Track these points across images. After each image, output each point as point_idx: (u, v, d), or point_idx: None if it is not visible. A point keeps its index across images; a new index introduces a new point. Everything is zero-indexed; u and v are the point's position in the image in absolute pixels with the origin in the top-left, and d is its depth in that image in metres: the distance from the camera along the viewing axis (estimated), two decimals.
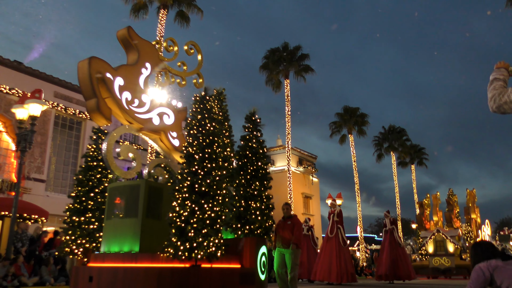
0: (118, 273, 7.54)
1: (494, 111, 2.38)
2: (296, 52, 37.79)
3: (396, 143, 46.63)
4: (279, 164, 44.26)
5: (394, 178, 45.15)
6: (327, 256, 13.23)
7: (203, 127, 8.01)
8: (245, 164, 9.28)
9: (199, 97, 8.24)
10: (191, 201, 7.52)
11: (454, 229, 21.76)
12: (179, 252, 7.30)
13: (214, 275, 7.69)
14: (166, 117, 9.21)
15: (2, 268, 12.02)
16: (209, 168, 7.80)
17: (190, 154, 7.86)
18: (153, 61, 9.15)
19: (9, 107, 18.53)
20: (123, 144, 8.69)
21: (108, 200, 8.48)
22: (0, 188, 19.59)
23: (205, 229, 7.44)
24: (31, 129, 12.80)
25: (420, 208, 22.90)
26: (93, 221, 9.12)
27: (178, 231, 7.47)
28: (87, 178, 9.34)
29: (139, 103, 8.73)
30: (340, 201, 32.32)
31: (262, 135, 9.63)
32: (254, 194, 9.08)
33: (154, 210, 8.14)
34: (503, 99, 2.35)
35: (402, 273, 15.21)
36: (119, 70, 8.47)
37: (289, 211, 9.28)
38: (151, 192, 8.21)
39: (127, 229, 8.07)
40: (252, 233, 8.83)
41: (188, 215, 7.45)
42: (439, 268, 21.32)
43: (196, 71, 10.27)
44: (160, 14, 28.04)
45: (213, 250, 7.48)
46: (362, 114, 43.88)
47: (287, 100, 36.11)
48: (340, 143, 43.97)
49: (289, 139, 35.55)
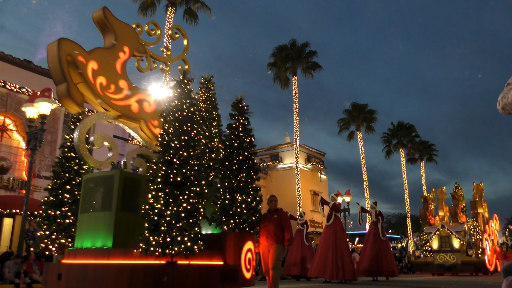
0: (88, 270, 6.85)
1: (501, 112, 2.49)
2: (304, 49, 37.06)
3: (405, 139, 45.69)
4: (287, 161, 43.42)
5: (403, 174, 44.16)
6: (323, 250, 12.34)
7: (181, 113, 7.25)
8: (230, 154, 8.52)
9: (177, 81, 7.48)
10: (165, 192, 6.78)
11: (460, 224, 20.59)
12: (152, 248, 6.57)
13: (191, 273, 6.94)
14: (147, 105, 8.49)
15: (14, 265, 11.96)
16: (186, 156, 7.04)
17: (165, 142, 7.11)
18: (132, 44, 8.43)
19: (19, 106, 18.46)
20: (98, 132, 7.95)
21: (82, 193, 7.78)
22: (11, 186, 19.40)
23: (180, 222, 6.70)
24: (41, 127, 12.78)
25: (424, 202, 21.77)
26: (69, 215, 8.42)
27: (152, 224, 6.75)
28: (63, 170, 8.65)
29: (116, 89, 8.01)
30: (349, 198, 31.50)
31: (249, 123, 8.84)
32: (240, 186, 8.32)
33: (129, 203, 7.42)
34: (504, 101, 2.44)
35: (385, 268, 14.07)
36: (93, 53, 7.76)
37: (276, 204, 8.55)
38: (127, 183, 7.49)
39: (100, 223, 7.37)
40: (238, 228, 8.07)
41: (162, 208, 6.71)
42: (444, 265, 20.16)
43: (182, 57, 9.54)
44: (168, 12, 27.55)
45: (189, 245, 6.71)
46: (370, 111, 43.04)
47: (295, 98, 35.42)
48: (348, 140, 43.25)
49: (297, 136, 34.85)
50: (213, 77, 10.06)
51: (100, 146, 7.84)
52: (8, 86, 20.12)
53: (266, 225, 8.24)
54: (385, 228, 59.72)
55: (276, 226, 8.18)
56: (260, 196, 8.61)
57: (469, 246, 19.94)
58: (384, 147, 46.20)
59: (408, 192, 43.31)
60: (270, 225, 8.19)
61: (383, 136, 46.52)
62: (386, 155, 45.97)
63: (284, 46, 37.01)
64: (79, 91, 7.47)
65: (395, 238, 52.33)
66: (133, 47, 8.44)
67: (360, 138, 42.11)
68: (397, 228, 58.48)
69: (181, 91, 7.42)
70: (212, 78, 10.05)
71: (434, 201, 22.20)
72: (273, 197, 8.69)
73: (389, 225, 60.50)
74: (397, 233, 56.36)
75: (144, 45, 8.75)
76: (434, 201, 22.20)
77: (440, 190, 22.13)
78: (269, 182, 43.10)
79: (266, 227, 8.23)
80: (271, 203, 8.55)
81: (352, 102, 43.17)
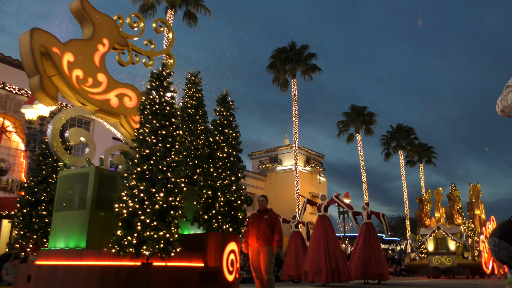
0: (57, 272, 6.39)
1: (500, 114, 2.48)
2: (303, 51, 36.69)
3: (404, 141, 45.23)
4: (286, 164, 42.95)
5: (402, 177, 43.63)
6: (315, 253, 11.79)
7: (158, 106, 6.79)
8: (214, 151, 8.04)
9: (156, 73, 7.02)
10: (140, 189, 6.31)
11: (456, 225, 19.95)
12: (125, 248, 6.10)
13: (167, 275, 6.47)
14: (127, 99, 8.03)
15: (12, 268, 11.63)
16: (163, 152, 6.57)
17: (141, 137, 6.64)
18: (112, 37, 7.98)
19: (19, 108, 18.25)
20: (73, 127, 7.49)
21: (57, 190, 7.32)
22: (10, 188, 19.11)
23: (154, 221, 6.22)
24: (40, 129, 12.53)
25: (420, 204, 21.15)
26: (45, 215, 7.95)
27: (125, 224, 6.29)
28: (40, 167, 8.18)
29: (94, 82, 7.55)
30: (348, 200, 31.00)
31: (235, 119, 8.37)
32: (224, 184, 7.83)
33: (105, 201, 6.95)
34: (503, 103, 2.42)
35: (374, 271, 13.39)
36: (69, 45, 7.31)
37: (265, 204, 8.07)
38: (103, 180, 7.03)
39: (74, 222, 6.92)
40: (220, 228, 7.59)
41: (136, 206, 6.25)
42: (440, 268, 19.50)
43: (167, 51, 9.08)
44: (168, 14, 27.22)
45: (165, 245, 6.24)
46: (369, 113, 42.61)
47: (294, 100, 35.04)
48: (347, 142, 42.74)
49: (296, 139, 34.45)
50: (199, 72, 9.61)
51: (75, 141, 7.39)
52: (8, 88, 19.90)
53: (256, 226, 7.77)
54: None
55: (266, 227, 7.72)
56: (245, 195, 8.13)
57: (466, 249, 19.27)
58: (383, 150, 45.75)
59: (407, 195, 42.82)
60: (260, 226, 7.72)
61: (382, 139, 46.06)
62: (385, 157, 45.49)
63: (283, 48, 36.66)
64: (53, 84, 7.01)
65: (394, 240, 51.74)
66: (113, 40, 7.99)
67: (359, 141, 41.64)
68: (396, 231, 57.84)
69: (159, 84, 6.96)
70: (199, 73, 9.60)
71: (430, 202, 21.59)
72: (263, 196, 8.25)
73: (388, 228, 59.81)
74: (396, 236, 55.73)
75: (126, 38, 8.29)
76: (430, 202, 21.59)
77: (436, 191, 21.49)
78: (268, 184, 42.62)
79: (255, 228, 7.77)
80: (260, 203, 8.08)
81: (351, 104, 42.74)
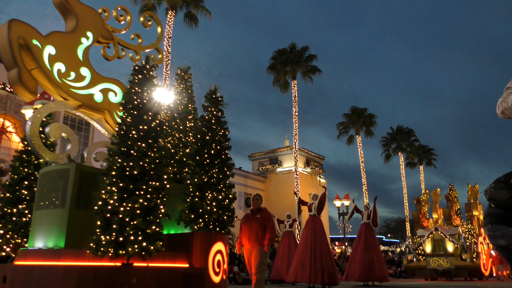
0: (33, 273, 6.08)
1: (501, 116, 2.41)
2: (304, 53, 36.28)
3: (404, 143, 44.72)
4: (286, 165, 42.53)
5: (402, 178, 43.16)
6: (301, 252, 11.34)
7: (141, 101, 6.45)
8: (201, 148, 7.69)
9: (138, 67, 6.69)
10: (119, 187, 5.97)
11: (454, 227, 19.46)
12: (103, 248, 5.77)
13: (149, 276, 6.13)
14: (112, 95, 7.71)
15: None
16: (144, 148, 6.24)
17: (122, 132, 6.32)
18: (96, 30, 7.67)
19: (19, 108, 18.26)
20: (54, 123, 7.16)
21: (38, 188, 7.00)
22: None
23: (134, 220, 5.89)
24: None
25: (417, 204, 20.66)
26: (26, 213, 7.61)
27: (104, 222, 5.94)
28: (22, 165, 7.85)
29: (77, 77, 7.24)
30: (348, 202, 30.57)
31: (223, 115, 8.02)
32: (211, 182, 7.49)
33: (86, 199, 6.61)
34: (504, 105, 2.36)
35: (378, 274, 12.96)
36: (50, 37, 7.00)
37: (259, 203, 7.64)
38: (84, 178, 6.70)
39: (53, 221, 6.61)
40: (207, 227, 7.24)
41: (115, 204, 5.92)
42: (438, 269, 19.04)
43: (155, 46, 8.76)
44: (168, 16, 26.92)
45: (145, 245, 5.90)
46: (370, 115, 42.11)
47: (295, 101, 34.65)
48: (347, 144, 42.27)
49: (297, 140, 34.04)
50: (189, 68, 9.29)
51: (56, 137, 7.06)
52: (8, 89, 19.71)
53: (248, 226, 7.36)
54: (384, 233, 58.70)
55: (259, 226, 7.29)
56: (233, 194, 7.78)
57: (464, 250, 18.80)
58: (383, 151, 45.23)
59: (407, 196, 42.30)
60: (252, 226, 7.31)
61: (382, 140, 45.54)
62: (385, 159, 44.96)
63: (283, 50, 36.23)
64: (32, 78, 6.70)
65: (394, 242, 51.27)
66: (98, 33, 7.68)
67: (360, 142, 41.16)
68: (396, 232, 57.33)
69: (142, 77, 6.63)
70: (189, 69, 9.28)
71: (427, 203, 21.13)
72: (257, 195, 7.77)
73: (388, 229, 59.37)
74: (396, 237, 55.24)
75: (112, 32, 7.98)
76: (427, 203, 21.13)
77: (434, 192, 21.01)
78: (268, 185, 42.24)
79: (248, 228, 7.36)
80: (255, 202, 7.63)
81: (352, 106, 42.25)
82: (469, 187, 21.77)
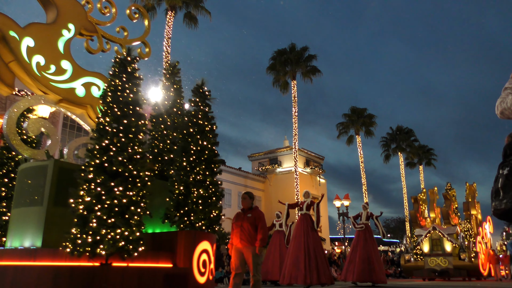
0: (7, 274, 5.77)
1: (500, 117, 2.46)
2: (303, 53, 35.96)
3: (404, 143, 44.37)
4: (286, 165, 42.18)
5: (402, 178, 42.78)
6: (295, 253, 10.94)
7: (121, 94, 6.12)
8: (188, 144, 7.35)
9: (119, 59, 6.36)
10: (97, 183, 5.64)
11: (452, 226, 19.03)
12: (79, 247, 5.44)
13: (128, 276, 5.80)
14: (95, 89, 7.38)
15: None
16: (124, 143, 5.91)
17: (101, 126, 5.98)
18: (79, 22, 7.35)
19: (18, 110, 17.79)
20: (32, 118, 6.84)
21: (16, 185, 6.68)
22: None
23: (112, 218, 5.55)
24: None
25: (415, 203, 20.23)
26: (5, 212, 7.28)
27: (80, 220, 5.62)
28: (2, 161, 7.52)
29: (57, 70, 6.92)
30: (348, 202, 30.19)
31: (211, 110, 7.69)
32: (198, 179, 7.16)
33: (65, 197, 6.25)
34: (503, 106, 2.40)
35: (378, 276, 12.56)
36: (29, 29, 6.68)
37: (249, 202, 7.28)
38: (62, 174, 6.37)
39: (30, 219, 6.29)
40: (193, 226, 6.90)
41: (93, 201, 5.59)
42: (436, 269, 18.61)
43: (141, 39, 8.44)
44: (168, 16, 26.67)
45: (124, 244, 5.57)
46: (369, 115, 41.80)
47: (294, 102, 34.33)
48: (347, 144, 41.95)
49: (296, 140, 33.72)
50: (178, 63, 8.96)
51: (35, 132, 6.74)
52: None
53: (239, 225, 7.01)
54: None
55: (250, 226, 6.94)
56: (221, 191, 7.44)
57: (462, 250, 18.37)
58: (383, 151, 44.89)
59: (407, 196, 41.87)
60: (243, 226, 6.96)
61: (382, 140, 45.21)
62: (385, 159, 44.61)
63: (283, 50, 35.93)
64: (9, 71, 6.41)
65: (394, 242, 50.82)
66: (80, 25, 7.36)
67: (359, 142, 40.84)
68: (396, 232, 56.87)
69: (123, 70, 6.30)
70: (177, 64, 8.94)
71: (425, 202, 20.71)
72: (246, 194, 7.41)
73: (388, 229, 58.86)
74: (396, 237, 54.76)
75: (96, 24, 7.65)
76: (425, 202, 20.71)
77: (432, 191, 20.59)
78: (268, 186, 41.90)
79: (239, 227, 7.01)
80: (243, 201, 7.28)
81: (351, 106, 41.92)
82: (467, 185, 21.33)
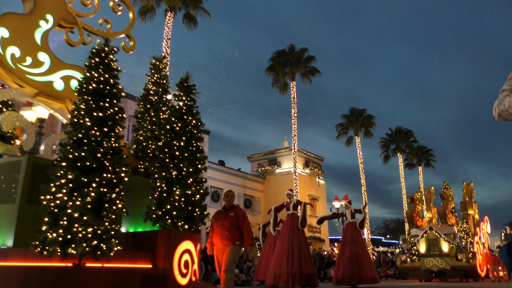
0: None
1: (498, 119, 2.46)
2: (303, 54, 35.67)
3: (403, 144, 44.03)
4: (285, 166, 41.78)
5: (401, 179, 42.38)
6: (279, 253, 10.57)
7: (96, 86, 5.79)
8: (171, 140, 7.01)
9: (96, 50, 6.03)
10: (69, 179, 5.30)
11: (449, 226, 18.61)
12: (48, 247, 5.09)
13: (103, 277, 5.46)
14: (75, 82, 7.06)
15: None
16: (99, 137, 5.56)
17: (75, 120, 5.64)
18: (58, 13, 7.03)
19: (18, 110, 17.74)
20: (6, 112, 6.50)
21: None
22: None
23: (84, 216, 5.20)
24: (39, 131, 11.79)
25: (411, 203, 19.83)
26: None
27: (51, 218, 5.28)
28: None
29: (34, 62, 6.59)
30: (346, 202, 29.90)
31: (196, 104, 7.35)
32: (180, 176, 6.80)
33: (39, 194, 5.91)
34: (500, 107, 2.41)
35: (368, 275, 12.11)
36: (3, 19, 6.39)
37: (232, 200, 6.97)
38: (37, 171, 6.05)
39: (2, 217, 5.97)
40: (175, 225, 6.56)
41: (64, 198, 5.25)
42: (432, 270, 18.18)
43: (125, 32, 8.12)
44: (167, 17, 26.36)
45: (97, 244, 5.22)
46: (369, 116, 41.48)
47: (294, 102, 34.03)
48: (347, 145, 41.60)
49: (296, 141, 33.42)
50: (165, 57, 8.61)
51: (9, 127, 6.42)
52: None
53: (220, 224, 6.69)
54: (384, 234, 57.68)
55: (231, 224, 6.65)
56: (205, 189, 7.10)
57: (459, 250, 17.96)
58: (382, 152, 44.50)
59: (406, 197, 41.46)
60: (224, 224, 6.65)
61: (381, 141, 44.85)
62: (384, 160, 44.24)
63: (282, 51, 35.60)
64: None
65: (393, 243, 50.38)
66: (59, 16, 7.04)
67: (359, 143, 40.49)
68: (395, 233, 56.40)
69: (99, 61, 5.97)
70: (164, 59, 8.61)
71: (422, 202, 20.29)
72: (230, 191, 7.12)
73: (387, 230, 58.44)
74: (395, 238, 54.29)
75: (76, 16, 7.32)
76: (422, 202, 20.29)
77: (428, 190, 20.20)
78: (267, 186, 41.51)
79: (220, 226, 6.69)
80: (226, 198, 6.97)
81: (350, 107, 41.59)
82: (464, 185, 20.92)
